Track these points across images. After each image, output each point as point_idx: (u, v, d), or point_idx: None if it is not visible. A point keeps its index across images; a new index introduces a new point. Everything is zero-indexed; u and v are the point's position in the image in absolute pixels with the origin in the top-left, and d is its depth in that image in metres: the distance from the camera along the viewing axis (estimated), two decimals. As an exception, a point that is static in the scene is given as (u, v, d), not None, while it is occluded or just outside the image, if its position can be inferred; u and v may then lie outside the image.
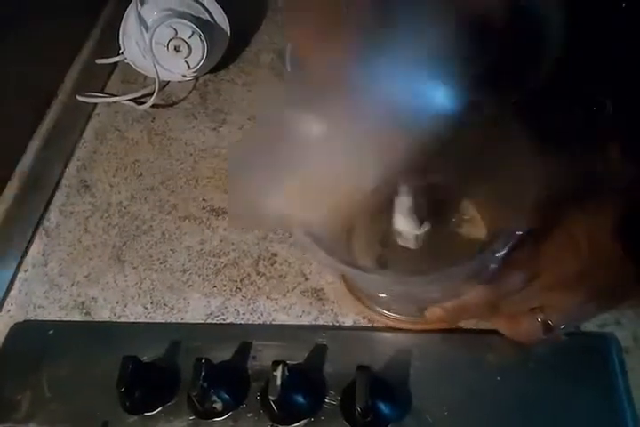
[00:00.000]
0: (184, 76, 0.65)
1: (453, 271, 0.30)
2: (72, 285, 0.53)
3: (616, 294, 0.36)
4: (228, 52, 0.66)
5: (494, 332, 0.40)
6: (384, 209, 0.36)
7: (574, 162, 0.47)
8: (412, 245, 0.39)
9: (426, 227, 0.37)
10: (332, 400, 0.40)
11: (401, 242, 0.39)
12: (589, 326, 0.40)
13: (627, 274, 0.34)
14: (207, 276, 0.50)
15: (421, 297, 0.39)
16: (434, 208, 0.43)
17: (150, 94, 0.64)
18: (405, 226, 0.37)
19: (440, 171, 0.44)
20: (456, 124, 0.33)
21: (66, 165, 0.63)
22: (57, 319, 0.51)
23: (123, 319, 0.49)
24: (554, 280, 0.34)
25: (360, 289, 0.45)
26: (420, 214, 0.36)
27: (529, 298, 0.35)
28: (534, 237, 0.35)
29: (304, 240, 0.32)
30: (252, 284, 0.49)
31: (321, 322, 0.45)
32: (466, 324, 0.42)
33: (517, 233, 0.29)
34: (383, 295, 0.43)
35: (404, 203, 0.35)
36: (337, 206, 0.30)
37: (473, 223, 0.43)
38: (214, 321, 0.47)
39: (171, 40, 0.61)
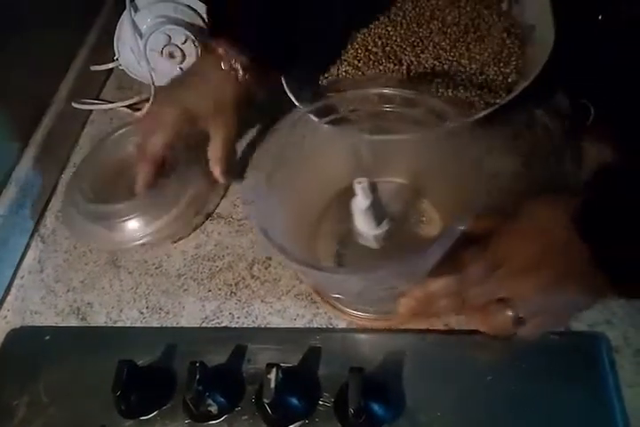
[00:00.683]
0: (178, 81, 0.65)
1: (393, 267, 0.31)
2: (68, 290, 0.53)
3: (577, 281, 0.36)
4: (221, 57, 0.66)
5: (485, 333, 0.41)
6: (345, 210, 0.37)
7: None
8: (372, 245, 0.40)
9: (384, 227, 0.38)
10: (326, 402, 0.40)
11: (362, 242, 0.40)
12: (580, 325, 0.41)
13: (585, 260, 0.35)
14: (202, 280, 0.51)
15: (376, 295, 0.40)
16: (393, 209, 0.44)
17: (145, 100, 0.65)
18: (364, 226, 0.38)
19: (400, 171, 0.46)
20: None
21: (62, 172, 0.63)
22: (53, 325, 0.51)
23: (119, 324, 0.50)
24: (515, 269, 0.36)
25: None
26: (378, 215, 0.37)
27: (494, 288, 0.36)
28: (492, 228, 0.37)
29: (263, 239, 0.33)
30: (246, 287, 0.49)
31: (315, 325, 0.46)
32: (458, 325, 0.43)
33: (461, 229, 0.31)
34: (338, 296, 0.44)
35: (360, 203, 0.36)
36: None
37: (431, 224, 0.44)
38: (209, 325, 0.48)
39: (165, 46, 0.61)
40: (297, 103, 0.51)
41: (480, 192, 0.31)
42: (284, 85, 0.53)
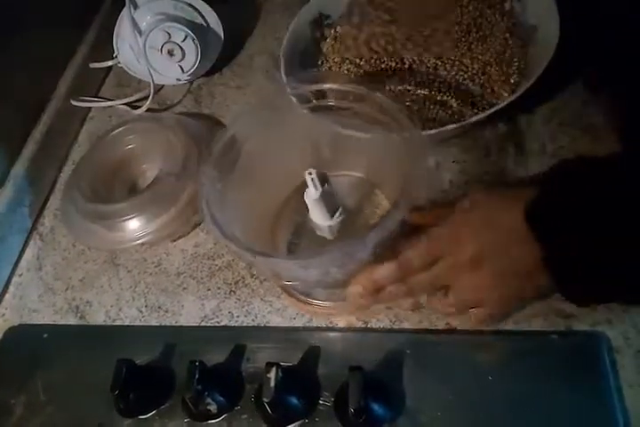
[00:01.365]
0: (178, 79, 0.65)
1: (331, 255, 0.32)
2: (67, 288, 0.53)
3: (520, 279, 0.36)
4: (221, 55, 0.66)
5: (486, 332, 0.41)
6: (304, 201, 0.38)
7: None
8: (327, 235, 0.40)
9: (337, 219, 0.38)
10: (325, 402, 0.40)
11: (319, 233, 0.41)
12: (581, 325, 0.40)
13: (532, 258, 0.34)
14: (201, 279, 0.50)
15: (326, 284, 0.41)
16: (350, 201, 0.46)
17: (144, 98, 0.65)
18: (317, 217, 0.38)
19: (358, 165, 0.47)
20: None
21: (60, 170, 0.63)
22: (51, 323, 0.51)
23: (117, 323, 0.49)
24: (458, 259, 0.36)
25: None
26: (330, 206, 0.38)
27: (436, 277, 0.37)
28: (432, 221, 0.38)
29: (211, 228, 0.34)
30: (246, 286, 0.49)
31: (314, 324, 0.45)
32: (460, 324, 0.42)
33: (398, 219, 0.32)
34: (289, 283, 0.45)
35: (311, 194, 0.36)
36: None
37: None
38: (208, 324, 0.47)
39: (164, 44, 0.61)
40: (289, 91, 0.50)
41: (420, 185, 0.33)
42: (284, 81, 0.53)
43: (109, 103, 0.67)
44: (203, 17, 0.64)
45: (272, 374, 0.38)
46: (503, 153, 0.51)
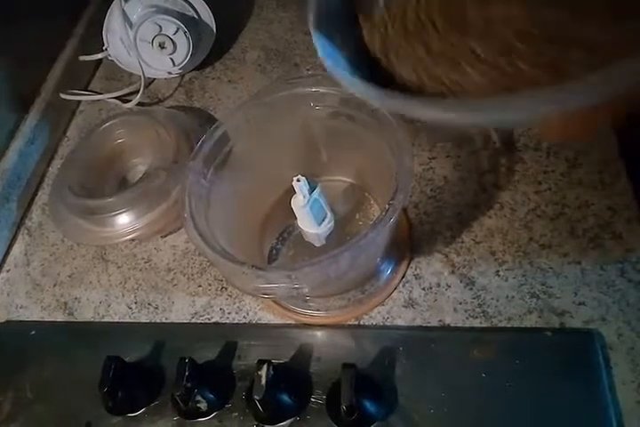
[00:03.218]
0: (169, 73, 0.64)
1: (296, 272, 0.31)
2: (55, 285, 0.52)
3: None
4: (213, 48, 0.65)
5: (479, 329, 0.41)
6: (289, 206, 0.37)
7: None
8: (315, 242, 0.39)
9: (325, 227, 0.37)
10: (317, 399, 0.40)
11: (306, 239, 0.40)
12: (574, 322, 0.40)
13: None
14: (192, 275, 0.50)
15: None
16: (341, 208, 0.45)
17: (135, 92, 0.64)
18: (304, 224, 0.37)
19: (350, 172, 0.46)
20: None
21: (49, 164, 0.62)
22: (39, 320, 0.50)
23: (106, 319, 0.49)
24: None
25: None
26: (318, 214, 0.37)
27: None
28: None
29: (192, 235, 0.33)
30: (237, 282, 0.48)
31: (307, 320, 0.45)
32: (454, 320, 0.42)
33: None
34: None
35: (298, 201, 0.35)
36: None
37: None
38: (199, 321, 0.47)
39: (155, 37, 0.60)
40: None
41: (405, 192, 0.32)
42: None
43: (99, 97, 0.66)
44: (194, 9, 0.63)
45: (263, 372, 0.37)
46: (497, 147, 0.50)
